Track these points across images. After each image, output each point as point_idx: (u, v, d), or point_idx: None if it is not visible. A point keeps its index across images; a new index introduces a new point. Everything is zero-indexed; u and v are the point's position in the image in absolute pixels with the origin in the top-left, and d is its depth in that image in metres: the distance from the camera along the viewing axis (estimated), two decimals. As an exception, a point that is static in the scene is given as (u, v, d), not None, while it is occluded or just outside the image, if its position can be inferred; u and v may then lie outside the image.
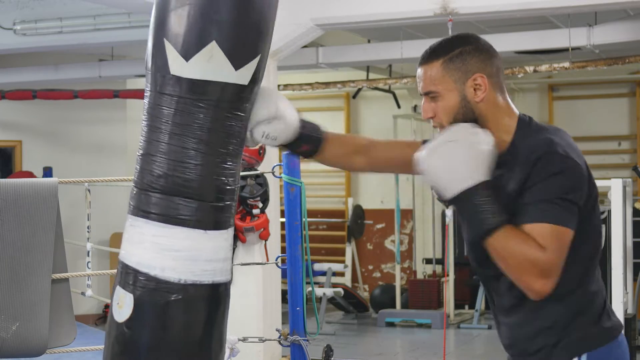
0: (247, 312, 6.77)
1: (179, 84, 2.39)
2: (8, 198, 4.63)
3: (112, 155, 10.72)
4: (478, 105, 2.36)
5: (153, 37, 2.45)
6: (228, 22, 2.38)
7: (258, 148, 6.86)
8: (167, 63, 2.39)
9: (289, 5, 6.93)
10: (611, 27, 7.90)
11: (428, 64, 2.38)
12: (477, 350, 9.03)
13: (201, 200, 2.42)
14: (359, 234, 12.02)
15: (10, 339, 4.54)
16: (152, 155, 2.43)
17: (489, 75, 2.36)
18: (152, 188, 2.42)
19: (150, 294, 2.40)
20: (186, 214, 2.42)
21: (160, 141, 2.42)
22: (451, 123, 2.36)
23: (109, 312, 2.50)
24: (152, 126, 2.44)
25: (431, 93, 2.38)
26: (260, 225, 6.83)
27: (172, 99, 2.40)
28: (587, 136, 11.10)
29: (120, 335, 2.43)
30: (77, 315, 5.75)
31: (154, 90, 2.44)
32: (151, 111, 2.45)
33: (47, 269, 4.67)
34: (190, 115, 2.40)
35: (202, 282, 2.44)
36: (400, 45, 8.52)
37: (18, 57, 9.66)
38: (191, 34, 2.37)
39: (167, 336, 2.42)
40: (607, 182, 6.48)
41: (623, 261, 6.48)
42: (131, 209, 2.48)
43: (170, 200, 2.41)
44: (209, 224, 2.44)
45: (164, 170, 2.41)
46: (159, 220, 2.41)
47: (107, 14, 7.91)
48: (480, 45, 2.39)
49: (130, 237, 2.46)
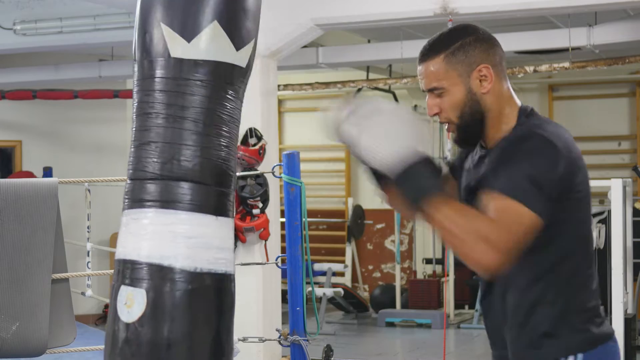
0: (247, 312, 6.76)
1: (180, 66, 2.33)
2: (8, 198, 4.62)
3: (112, 155, 10.71)
4: (484, 96, 2.30)
5: (144, 24, 2.38)
6: (226, 3, 2.35)
7: (258, 148, 6.86)
8: (166, 47, 2.33)
9: (289, 5, 6.93)
10: (611, 27, 7.90)
11: (429, 60, 2.31)
12: (477, 350, 9.02)
13: (207, 184, 2.34)
14: (359, 234, 12.02)
15: (10, 339, 4.54)
16: (152, 143, 2.34)
17: (493, 65, 2.31)
18: (157, 176, 2.32)
19: (165, 285, 2.29)
20: (196, 199, 2.32)
21: (160, 126, 2.33)
22: (459, 118, 2.30)
23: (110, 315, 2.37)
24: (145, 113, 2.36)
25: (436, 89, 2.31)
26: (260, 225, 6.83)
27: (175, 82, 2.33)
28: (587, 136, 11.10)
29: (132, 336, 2.30)
30: (77, 315, 5.75)
31: (150, 77, 2.36)
32: (146, 97, 2.37)
33: (47, 269, 4.67)
34: (190, 98, 2.34)
35: (217, 271, 2.34)
36: (400, 45, 8.52)
37: (18, 57, 9.66)
38: (190, 15, 2.32)
39: (185, 329, 2.31)
40: (607, 182, 6.47)
41: (623, 261, 6.48)
42: (130, 203, 2.38)
43: (179, 186, 2.31)
44: (219, 209, 2.36)
45: (168, 156, 2.32)
46: (167, 207, 2.31)
47: (107, 14, 7.91)
48: (480, 35, 2.33)
49: (134, 231, 2.34)
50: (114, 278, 2.42)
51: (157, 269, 2.30)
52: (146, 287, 2.30)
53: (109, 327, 2.38)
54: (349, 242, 11.89)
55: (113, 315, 2.37)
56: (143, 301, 2.30)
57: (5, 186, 4.66)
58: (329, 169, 12.42)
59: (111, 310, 2.39)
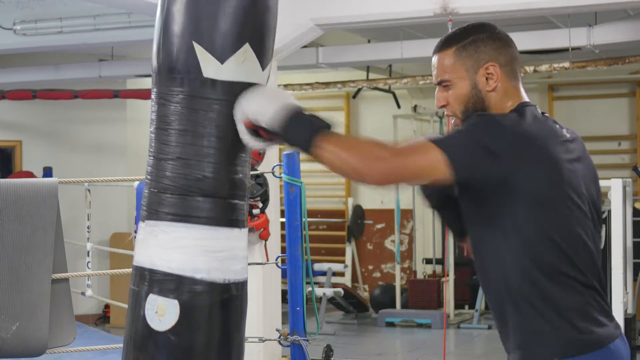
0: (247, 312, 6.76)
1: (213, 86, 2.39)
2: (8, 198, 4.63)
3: (112, 155, 10.72)
4: (489, 94, 2.33)
5: (170, 36, 2.41)
6: (259, 25, 2.41)
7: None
8: (198, 66, 2.38)
9: (289, 5, 6.92)
10: (611, 27, 7.90)
11: (441, 52, 2.37)
12: (477, 350, 9.03)
13: (229, 198, 2.45)
14: (359, 234, 12.02)
15: (10, 339, 4.54)
16: (186, 160, 2.41)
17: (501, 64, 2.34)
18: (192, 191, 2.41)
19: (198, 297, 2.41)
20: (227, 214, 2.44)
21: (196, 145, 2.40)
22: (463, 112, 2.34)
23: (138, 324, 2.44)
24: (183, 130, 2.41)
25: (443, 82, 2.36)
26: (260, 225, 6.83)
27: (206, 101, 2.39)
28: (587, 136, 11.09)
29: (166, 344, 2.41)
30: (77, 315, 5.75)
31: (175, 92, 2.41)
32: (174, 115, 2.42)
33: (47, 269, 4.67)
34: (211, 116, 2.40)
35: (239, 280, 2.48)
36: (400, 45, 8.51)
37: (18, 57, 9.66)
38: (222, 35, 2.38)
39: (218, 337, 2.45)
40: (607, 182, 6.47)
41: (623, 261, 6.48)
42: (163, 215, 2.43)
43: (215, 203, 2.42)
44: (242, 221, 2.49)
45: (189, 171, 2.40)
46: (203, 223, 2.41)
47: (107, 14, 7.91)
48: (494, 33, 2.36)
49: (163, 243, 2.43)
50: (134, 282, 2.47)
51: (190, 281, 2.42)
52: (178, 298, 2.41)
53: (131, 331, 2.47)
54: (349, 242, 11.89)
55: (143, 323, 2.44)
56: (176, 311, 2.41)
57: (5, 186, 4.66)
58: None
59: (134, 315, 2.46)
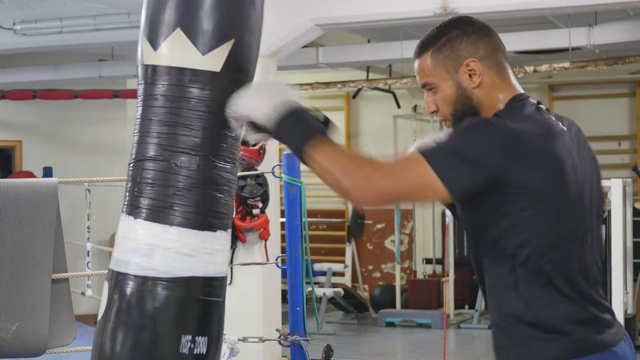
0: (247, 312, 6.77)
1: (154, 73, 2.43)
2: (8, 198, 4.63)
3: (112, 155, 10.71)
4: (475, 91, 2.25)
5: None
6: (193, 9, 2.44)
7: (258, 148, 6.86)
8: (142, 54, 2.46)
9: (289, 5, 6.93)
10: (611, 27, 7.90)
11: (420, 57, 2.31)
12: (477, 350, 9.03)
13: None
14: (359, 234, 12.02)
15: (10, 339, 4.54)
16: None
17: (481, 58, 2.25)
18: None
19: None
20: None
21: (145, 133, 2.47)
22: (453, 114, 2.26)
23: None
24: (141, 120, 2.47)
25: (427, 85, 2.29)
26: (260, 225, 6.83)
27: (156, 88, 2.44)
28: (587, 136, 10.98)
29: None
30: (77, 315, 5.74)
31: (142, 83, 2.47)
32: (140, 107, 2.48)
33: (47, 269, 4.67)
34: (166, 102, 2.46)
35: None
36: (400, 45, 8.52)
37: (18, 57, 9.66)
38: (160, 23, 2.43)
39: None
40: (607, 182, 6.47)
41: (623, 261, 6.48)
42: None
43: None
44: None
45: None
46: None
47: (107, 14, 7.91)
48: (470, 28, 2.30)
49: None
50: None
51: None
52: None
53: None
54: (349, 242, 11.89)
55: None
56: None
57: (5, 186, 4.66)
58: (329, 169, 12.40)
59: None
